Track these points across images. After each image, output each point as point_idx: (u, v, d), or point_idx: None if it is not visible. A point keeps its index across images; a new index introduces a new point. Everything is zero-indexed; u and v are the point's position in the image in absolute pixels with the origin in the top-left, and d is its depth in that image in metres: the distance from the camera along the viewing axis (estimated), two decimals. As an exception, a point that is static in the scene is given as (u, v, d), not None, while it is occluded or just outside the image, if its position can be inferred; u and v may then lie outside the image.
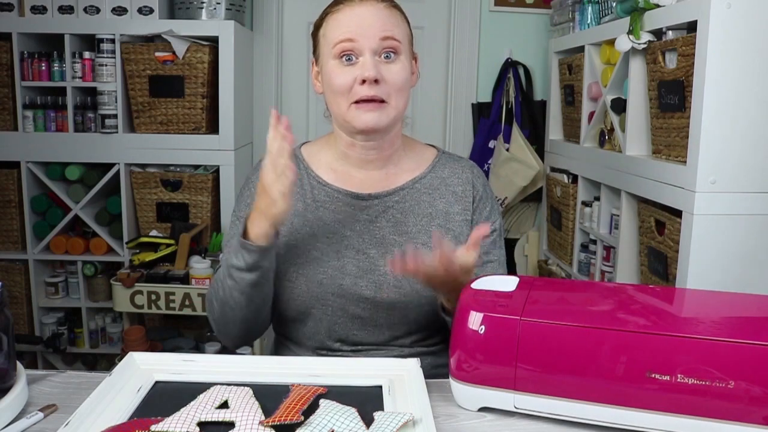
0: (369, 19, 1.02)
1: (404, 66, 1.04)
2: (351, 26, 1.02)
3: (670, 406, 0.76)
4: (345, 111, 1.04)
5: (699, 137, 1.45)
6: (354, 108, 1.03)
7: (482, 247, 1.14)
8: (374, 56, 1.02)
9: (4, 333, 0.82)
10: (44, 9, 2.23)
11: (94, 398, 0.82)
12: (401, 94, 1.05)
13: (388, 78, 1.02)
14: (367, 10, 1.02)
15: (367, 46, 1.01)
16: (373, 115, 1.03)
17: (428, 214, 1.12)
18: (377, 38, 1.01)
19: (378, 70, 1.01)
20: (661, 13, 1.63)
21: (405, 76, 1.05)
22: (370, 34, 1.01)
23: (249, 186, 1.15)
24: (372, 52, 1.01)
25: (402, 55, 1.04)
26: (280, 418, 0.77)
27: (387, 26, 1.02)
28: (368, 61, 1.01)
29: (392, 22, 1.04)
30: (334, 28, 1.04)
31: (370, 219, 1.11)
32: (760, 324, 0.82)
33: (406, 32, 1.07)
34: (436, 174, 1.15)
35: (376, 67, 1.01)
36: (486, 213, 1.15)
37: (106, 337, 2.49)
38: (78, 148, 2.30)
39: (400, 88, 1.04)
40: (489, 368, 0.82)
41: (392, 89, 1.03)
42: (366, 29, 1.01)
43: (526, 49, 2.78)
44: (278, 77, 2.79)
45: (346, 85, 1.02)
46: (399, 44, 1.03)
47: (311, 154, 1.17)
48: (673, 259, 1.58)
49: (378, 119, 1.03)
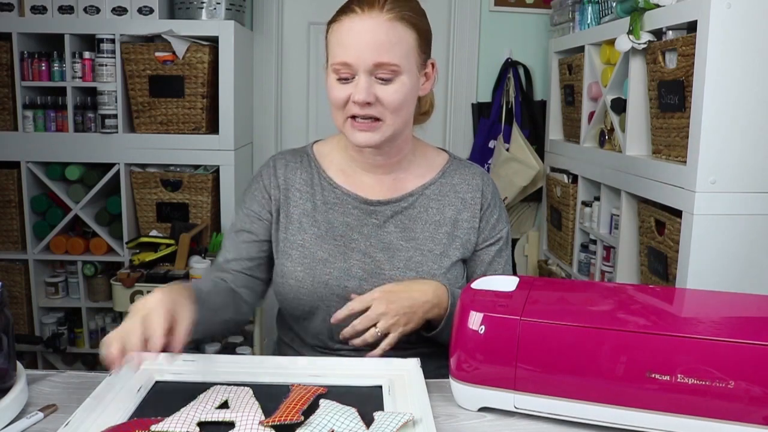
0: (365, 40, 0.98)
1: (403, 85, 1.01)
2: (347, 47, 0.99)
3: (670, 406, 0.76)
4: (342, 124, 1.05)
5: (699, 137, 1.45)
6: (350, 123, 1.03)
7: (486, 256, 1.15)
8: (369, 77, 0.99)
9: (4, 333, 0.82)
10: (44, 9, 2.23)
11: (94, 398, 0.82)
12: (398, 112, 1.02)
13: (383, 99, 1.00)
14: (365, 27, 0.98)
15: (362, 69, 0.99)
16: (367, 134, 1.03)
17: (436, 221, 1.12)
18: (371, 63, 0.98)
19: (370, 92, 0.99)
20: (661, 13, 1.63)
21: (402, 96, 1.01)
22: (365, 57, 0.98)
23: (258, 180, 1.16)
24: (367, 73, 0.99)
25: (402, 75, 1.01)
26: (280, 418, 0.77)
27: (383, 50, 0.98)
28: (361, 83, 0.99)
29: (391, 42, 0.99)
30: (333, 44, 1.02)
31: (378, 224, 1.11)
32: (760, 324, 0.82)
33: (412, 46, 1.02)
34: (446, 180, 1.15)
35: (368, 89, 0.99)
36: (493, 221, 1.15)
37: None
38: (78, 148, 2.30)
39: (396, 108, 1.02)
40: (489, 368, 0.82)
41: (387, 109, 1.01)
42: (361, 51, 0.98)
43: (526, 49, 2.78)
44: (278, 77, 2.78)
45: (341, 101, 1.02)
46: (396, 67, 0.99)
47: (323, 154, 1.17)
48: (673, 259, 1.58)
49: (371, 138, 1.03)
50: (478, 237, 1.14)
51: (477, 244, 1.14)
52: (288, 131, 2.84)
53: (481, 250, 1.15)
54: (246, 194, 1.17)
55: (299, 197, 1.13)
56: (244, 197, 1.17)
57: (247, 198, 1.16)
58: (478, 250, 1.15)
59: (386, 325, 0.97)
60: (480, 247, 1.14)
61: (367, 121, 1.02)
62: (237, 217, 1.16)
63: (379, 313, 0.97)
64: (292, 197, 1.13)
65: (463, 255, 1.13)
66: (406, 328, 0.99)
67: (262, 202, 1.13)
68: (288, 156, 1.17)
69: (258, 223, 1.13)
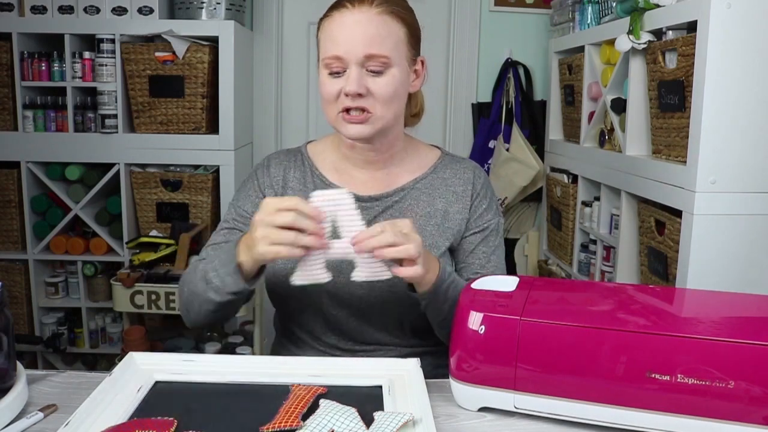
0: (356, 32, 1.00)
1: (394, 77, 1.03)
2: (338, 41, 1.01)
3: (670, 406, 0.76)
4: (334, 119, 1.06)
5: (699, 137, 1.45)
6: (341, 117, 1.04)
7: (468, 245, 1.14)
8: (360, 69, 1.01)
9: (4, 333, 0.82)
10: (44, 9, 2.23)
11: (94, 398, 0.82)
12: (388, 105, 1.04)
13: (374, 91, 1.02)
14: (355, 20, 1.00)
15: (353, 61, 1.00)
16: (358, 127, 1.04)
17: (426, 213, 1.13)
18: (362, 55, 1.00)
19: (362, 84, 1.00)
20: (661, 13, 1.63)
21: (393, 88, 1.03)
22: (356, 49, 1.00)
23: (252, 179, 1.16)
24: (358, 65, 1.00)
25: (393, 68, 1.02)
26: (279, 424, 0.77)
27: (374, 41, 1.00)
28: (353, 75, 1.00)
29: (381, 35, 1.01)
30: (324, 39, 1.04)
31: (369, 219, 1.12)
32: (760, 324, 0.82)
33: (401, 39, 1.04)
34: (438, 175, 1.16)
35: (359, 81, 1.00)
36: (481, 210, 1.15)
37: (106, 337, 2.49)
38: (78, 148, 2.30)
39: (387, 100, 1.03)
40: (489, 368, 0.82)
41: (378, 101, 1.02)
42: (352, 44, 1.00)
43: (526, 49, 2.78)
44: (278, 77, 2.78)
45: (332, 95, 1.03)
46: (387, 59, 1.01)
47: (316, 153, 1.18)
48: (673, 259, 1.58)
49: (362, 130, 1.04)
50: (466, 226, 1.14)
51: (464, 233, 1.14)
52: (288, 131, 2.84)
53: (465, 238, 1.15)
54: (240, 192, 1.17)
55: (292, 195, 1.13)
56: (238, 194, 1.17)
57: (241, 196, 1.16)
58: (463, 238, 1.15)
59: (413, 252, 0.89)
60: (465, 235, 1.15)
61: (359, 113, 1.03)
62: (228, 214, 1.16)
63: (414, 241, 0.90)
64: (285, 195, 1.13)
65: (452, 245, 1.13)
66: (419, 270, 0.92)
67: (256, 202, 1.14)
68: (282, 155, 1.18)
69: (248, 221, 1.13)
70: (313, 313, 1.11)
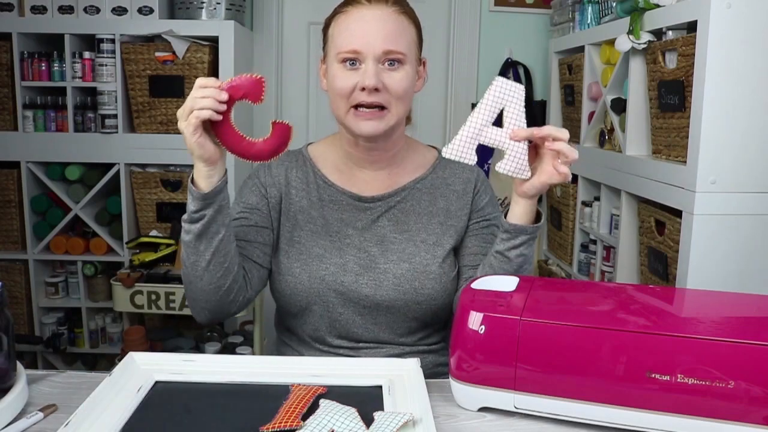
0: (374, 28, 1.02)
1: (407, 74, 1.04)
2: (356, 35, 1.02)
3: (670, 406, 0.76)
4: (344, 115, 1.05)
5: (699, 137, 1.45)
6: (353, 113, 1.04)
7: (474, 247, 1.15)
8: (377, 63, 1.02)
9: (4, 333, 0.82)
10: (44, 9, 2.23)
11: (94, 398, 0.82)
12: (402, 101, 1.05)
13: (389, 85, 1.03)
14: (374, 16, 1.02)
15: (371, 55, 1.01)
16: (372, 123, 1.04)
17: (429, 212, 1.14)
18: (380, 50, 1.01)
19: (379, 78, 1.01)
20: (661, 13, 1.63)
21: (407, 85, 1.05)
22: (374, 44, 1.01)
23: (254, 179, 1.16)
24: (375, 59, 1.01)
25: (407, 65, 1.04)
26: (279, 424, 0.77)
27: (391, 38, 1.02)
28: (370, 69, 1.01)
29: (398, 32, 1.03)
30: (340, 32, 1.04)
31: (373, 218, 1.12)
32: (760, 324, 0.82)
33: (413, 40, 1.07)
34: (438, 174, 1.17)
35: (377, 75, 1.01)
36: (482, 204, 1.16)
37: (106, 337, 2.49)
38: (78, 148, 2.30)
39: (401, 96, 1.04)
40: (489, 368, 0.82)
41: (393, 97, 1.03)
42: (370, 39, 1.01)
43: (526, 49, 2.78)
44: (278, 77, 2.78)
45: (347, 89, 1.03)
46: (403, 56, 1.03)
47: (318, 154, 1.18)
48: (673, 259, 1.58)
49: (376, 127, 1.04)
50: (468, 222, 1.15)
51: (467, 228, 1.15)
52: (288, 131, 2.83)
53: (468, 232, 1.15)
54: (242, 190, 1.17)
55: (295, 195, 1.14)
56: (240, 192, 1.17)
57: (244, 192, 1.16)
58: (466, 234, 1.15)
59: (576, 153, 0.98)
60: (469, 227, 1.15)
61: (373, 109, 1.03)
62: (233, 209, 1.15)
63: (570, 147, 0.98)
64: (288, 195, 1.14)
65: (456, 243, 1.14)
66: (569, 174, 1.02)
67: (259, 196, 1.14)
68: (282, 156, 1.18)
69: (256, 212, 1.13)
70: (318, 310, 1.11)
